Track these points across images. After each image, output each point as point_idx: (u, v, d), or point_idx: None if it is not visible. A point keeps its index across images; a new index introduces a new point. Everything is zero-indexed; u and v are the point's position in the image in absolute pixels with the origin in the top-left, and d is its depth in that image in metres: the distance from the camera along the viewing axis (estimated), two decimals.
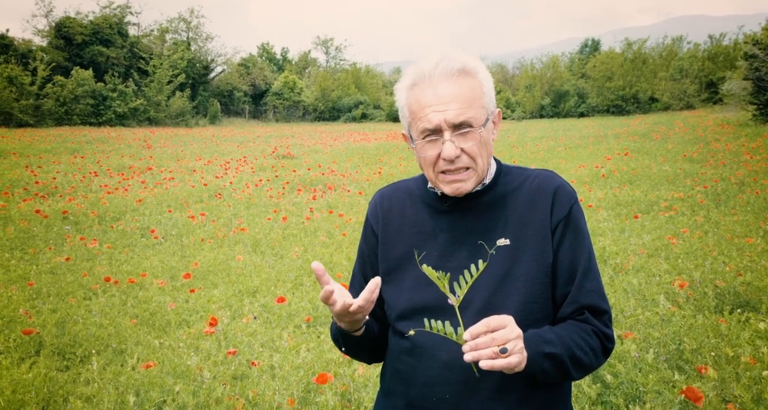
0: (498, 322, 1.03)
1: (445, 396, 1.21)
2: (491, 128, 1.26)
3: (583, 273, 1.21)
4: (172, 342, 3.75)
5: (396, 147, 20.10)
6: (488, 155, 1.25)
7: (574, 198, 1.25)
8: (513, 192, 1.26)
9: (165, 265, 5.83)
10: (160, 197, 9.84)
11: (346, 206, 9.11)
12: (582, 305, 1.21)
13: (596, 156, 14.87)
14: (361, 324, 1.29)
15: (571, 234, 1.22)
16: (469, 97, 1.21)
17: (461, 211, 1.27)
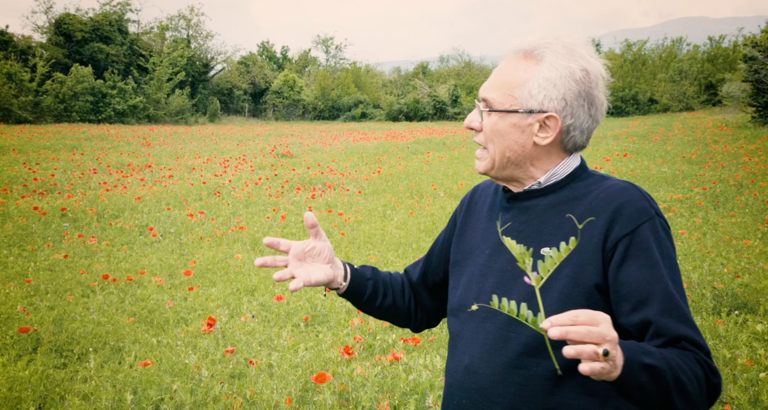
0: (588, 317, 0.88)
1: (462, 402, 1.17)
2: (519, 124, 1.13)
3: (664, 301, 1.04)
4: (170, 340, 3.75)
5: (395, 146, 20.10)
6: (504, 148, 1.14)
7: (647, 216, 1.07)
8: (574, 200, 1.13)
9: (163, 263, 5.82)
10: (159, 195, 9.83)
11: (345, 205, 9.11)
12: (673, 337, 1.03)
13: (595, 157, 14.88)
14: (337, 283, 1.29)
15: (639, 256, 1.05)
16: (504, 79, 1.14)
17: (519, 210, 1.19)
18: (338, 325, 3.95)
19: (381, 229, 7.27)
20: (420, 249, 6.23)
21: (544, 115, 1.12)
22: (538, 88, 1.11)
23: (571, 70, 1.11)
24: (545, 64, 1.11)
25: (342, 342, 3.56)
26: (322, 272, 1.26)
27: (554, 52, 1.12)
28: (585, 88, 1.12)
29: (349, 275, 1.32)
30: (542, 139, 1.13)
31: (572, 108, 1.12)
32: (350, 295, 1.34)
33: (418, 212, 8.41)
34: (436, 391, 2.79)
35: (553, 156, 1.16)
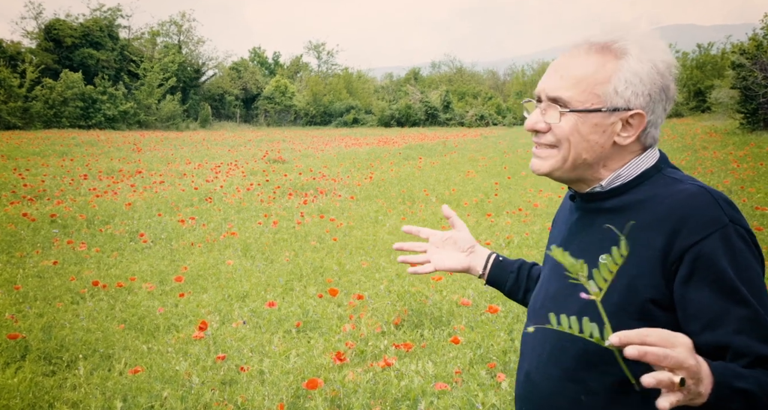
0: (660, 338, 0.82)
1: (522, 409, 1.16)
2: (602, 124, 1.04)
3: (741, 320, 0.94)
4: (161, 347, 3.72)
5: (387, 152, 20.13)
6: (582, 149, 1.06)
7: (717, 225, 0.96)
8: (639, 204, 1.04)
9: (154, 269, 5.79)
10: (150, 201, 9.78)
11: (337, 211, 9.10)
12: (759, 358, 0.94)
13: None
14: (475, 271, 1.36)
15: (708, 271, 0.95)
16: (582, 75, 1.04)
17: (583, 212, 1.13)
18: (330, 331, 3.94)
19: (373, 235, 7.26)
20: None
21: (630, 113, 1.03)
22: (625, 83, 1.02)
23: (655, 62, 1.03)
24: (631, 58, 1.02)
25: (334, 348, 3.54)
26: (456, 260, 1.35)
27: (637, 45, 1.03)
28: (666, 81, 1.05)
29: (490, 265, 1.37)
30: (624, 138, 1.05)
31: (654, 103, 1.04)
32: (492, 284, 1.39)
33: (410, 217, 8.41)
34: (428, 397, 2.78)
35: (625, 155, 1.08)
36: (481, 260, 1.37)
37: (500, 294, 4.49)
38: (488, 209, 8.94)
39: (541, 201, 9.37)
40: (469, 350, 3.42)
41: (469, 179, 12.59)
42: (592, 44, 1.06)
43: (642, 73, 1.02)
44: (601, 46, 1.05)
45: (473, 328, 3.85)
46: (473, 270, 1.37)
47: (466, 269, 1.36)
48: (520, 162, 15.87)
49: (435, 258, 1.35)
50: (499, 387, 2.86)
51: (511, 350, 3.43)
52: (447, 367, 3.19)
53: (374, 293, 4.76)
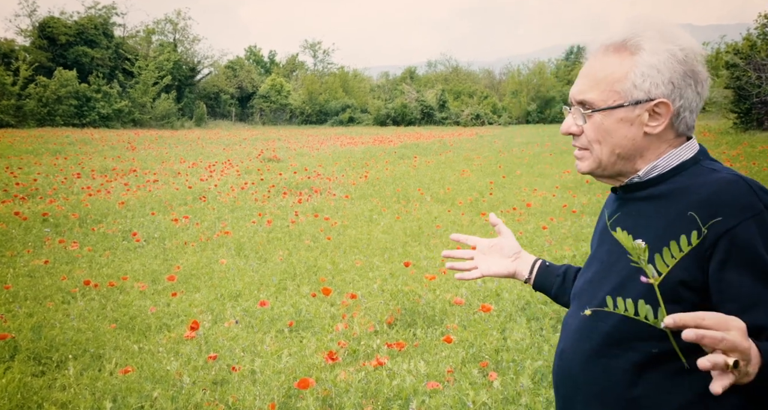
0: (716, 321, 0.86)
1: (558, 386, 1.22)
2: (627, 118, 1.09)
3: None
4: (152, 347, 3.69)
5: (383, 151, 20.12)
6: (614, 145, 1.11)
7: (752, 212, 1.00)
8: (675, 192, 1.08)
9: (147, 268, 5.75)
10: (143, 200, 9.73)
11: (332, 210, 9.08)
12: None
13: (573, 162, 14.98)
14: (521, 276, 1.42)
15: (743, 256, 0.99)
16: (600, 77, 1.10)
17: (622, 202, 1.19)
18: (322, 330, 3.92)
19: (367, 234, 7.25)
20: (406, 254, 6.22)
21: (653, 102, 1.08)
22: (642, 77, 1.07)
23: (672, 51, 1.07)
24: (645, 52, 1.07)
25: (326, 348, 3.53)
26: (502, 266, 1.42)
27: (650, 39, 1.08)
28: (689, 67, 1.08)
29: (536, 270, 1.42)
30: (654, 128, 1.10)
31: (680, 90, 1.08)
32: (539, 289, 1.44)
33: (404, 216, 8.40)
34: (419, 396, 2.77)
35: (663, 144, 1.12)
36: (527, 265, 1.43)
37: (493, 293, 4.49)
38: (483, 208, 8.93)
39: (535, 200, 9.38)
40: (462, 349, 3.41)
41: (464, 178, 12.59)
42: (609, 45, 1.11)
43: (658, 64, 1.07)
44: (617, 45, 1.10)
45: (466, 327, 3.84)
46: (519, 275, 1.43)
47: (512, 274, 1.43)
48: (515, 161, 15.88)
49: (482, 264, 1.42)
50: (490, 385, 2.85)
51: (503, 349, 3.42)
52: (439, 366, 3.18)
53: (368, 292, 4.75)
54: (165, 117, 42.25)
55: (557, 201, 9.24)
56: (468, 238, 1.44)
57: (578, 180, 11.49)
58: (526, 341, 3.43)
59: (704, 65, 1.11)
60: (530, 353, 3.25)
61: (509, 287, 4.55)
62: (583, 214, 8.08)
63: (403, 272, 5.31)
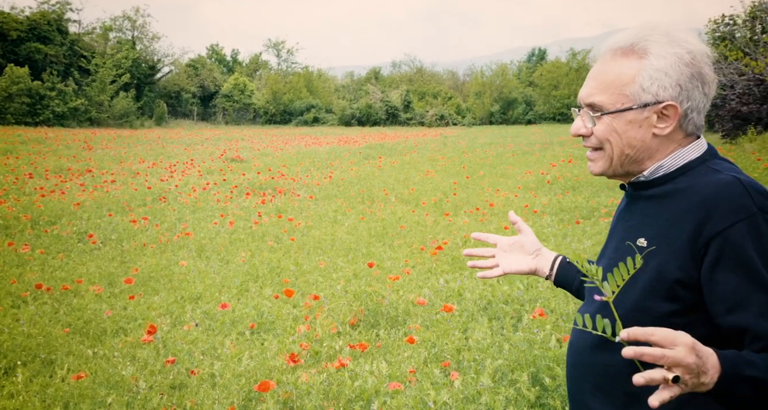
0: (663, 337, 0.88)
1: (569, 376, 1.26)
2: (636, 120, 1.11)
3: (764, 304, 1.00)
4: (107, 352, 3.58)
5: (348, 151, 20.07)
6: (624, 146, 1.13)
7: (745, 214, 1.02)
8: (676, 193, 1.11)
9: (103, 271, 5.59)
10: (100, 201, 9.46)
11: (296, 211, 9.00)
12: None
13: (542, 163, 15.27)
14: (542, 272, 1.43)
15: (734, 257, 1.01)
16: (609, 80, 1.13)
17: (629, 199, 1.22)
18: (285, 332, 3.88)
19: (331, 234, 7.21)
20: (370, 254, 6.21)
21: (661, 105, 1.10)
22: (650, 80, 1.10)
23: (679, 55, 1.10)
24: (652, 56, 1.10)
25: (288, 350, 3.49)
26: (524, 263, 1.43)
27: (657, 42, 1.10)
28: (696, 69, 1.10)
29: (557, 267, 1.43)
30: (662, 129, 1.12)
31: (688, 91, 1.10)
32: (560, 285, 1.44)
33: (369, 217, 8.39)
34: (381, 397, 2.77)
35: (672, 144, 1.14)
36: (548, 262, 1.44)
37: (455, 293, 4.52)
38: (446, 208, 9.00)
39: (497, 201, 9.50)
40: (424, 349, 3.42)
41: (429, 179, 12.66)
42: (617, 49, 1.14)
43: (666, 67, 1.09)
44: (625, 49, 1.13)
45: (428, 327, 3.85)
46: (540, 272, 1.44)
47: (533, 270, 1.43)
48: (479, 162, 16.06)
49: (503, 262, 1.43)
50: (452, 385, 2.86)
51: (465, 348, 3.44)
52: (401, 367, 3.18)
53: (331, 293, 4.72)
54: (124, 116, 41.17)
55: (519, 201, 9.38)
56: (489, 236, 1.46)
57: (539, 181, 11.69)
58: (487, 340, 3.46)
59: (711, 67, 1.13)
60: (491, 352, 3.28)
61: (471, 287, 4.59)
62: (544, 214, 8.22)
63: (366, 273, 5.30)
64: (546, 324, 3.57)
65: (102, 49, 46.43)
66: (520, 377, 2.85)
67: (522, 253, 1.44)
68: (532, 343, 3.28)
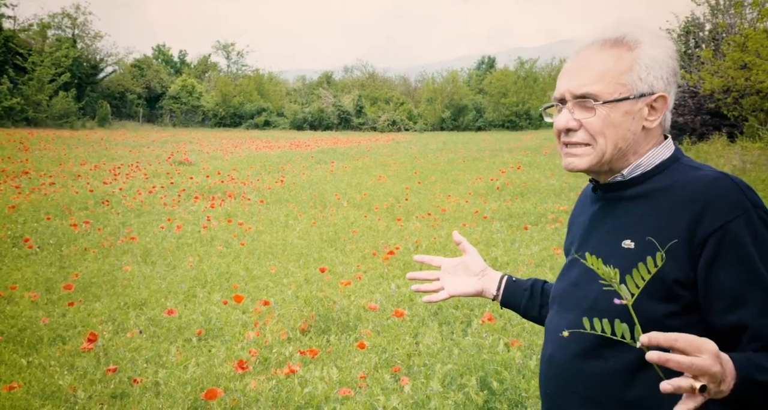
0: (688, 344, 0.84)
1: (547, 391, 1.19)
2: (631, 111, 1.08)
3: (764, 302, 0.98)
4: (43, 361, 3.42)
5: (299, 155, 19.91)
6: (618, 138, 1.10)
7: (741, 210, 1.00)
8: (660, 191, 1.08)
9: (40, 277, 5.34)
10: (38, 204, 9.04)
11: (246, 215, 8.85)
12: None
13: (492, 169, 15.57)
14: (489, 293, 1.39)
15: (732, 254, 0.99)
16: (605, 69, 1.09)
17: (605, 201, 1.17)
18: (233, 339, 3.80)
19: (282, 239, 7.13)
20: (322, 259, 6.16)
21: (654, 96, 1.09)
22: (647, 70, 1.08)
23: (668, 47, 1.10)
24: (646, 46, 1.08)
25: (236, 357, 3.42)
26: (470, 285, 1.38)
27: (648, 33, 1.09)
28: (676, 65, 1.11)
29: (503, 287, 1.39)
30: (651, 122, 1.10)
31: (670, 86, 1.10)
32: (507, 305, 1.40)
33: (321, 222, 8.34)
34: (331, 403, 2.75)
35: (650, 141, 1.13)
36: (494, 282, 1.40)
37: (407, 299, 4.54)
38: (398, 213, 9.05)
39: (449, 206, 9.62)
40: (375, 354, 3.42)
41: (381, 184, 12.70)
42: (605, 41, 1.11)
43: (659, 57, 1.09)
44: (614, 40, 1.10)
45: (380, 332, 3.86)
46: (486, 293, 1.40)
47: (479, 292, 1.39)
48: (430, 167, 16.23)
49: (448, 285, 1.39)
50: (402, 390, 2.87)
51: (415, 353, 3.46)
52: (352, 372, 3.16)
53: (281, 298, 4.66)
54: (63, 116, 39.45)
55: (470, 207, 9.53)
56: (432, 259, 1.41)
57: (489, 187, 11.91)
58: (437, 345, 3.49)
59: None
60: (441, 357, 3.31)
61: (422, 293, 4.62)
62: (494, 220, 8.37)
63: (318, 278, 5.26)
64: (495, 328, 3.63)
65: (39, 46, 44.34)
66: (469, 381, 2.88)
67: (467, 274, 1.40)
68: (481, 348, 3.33)
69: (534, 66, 50.93)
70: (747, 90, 12.92)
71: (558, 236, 6.92)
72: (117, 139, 28.07)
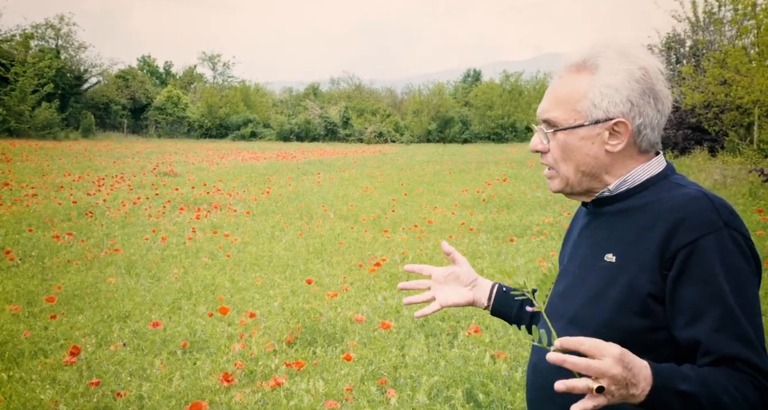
0: (592, 347, 0.89)
1: (532, 400, 1.22)
2: (588, 136, 1.11)
3: (719, 319, 1.00)
4: (24, 375, 3.36)
5: (285, 167, 19.88)
6: (578, 163, 1.13)
7: (712, 228, 1.02)
8: (642, 207, 1.11)
9: (21, 289, 5.26)
10: (19, 215, 8.92)
11: (232, 227, 8.81)
12: (723, 356, 0.99)
13: (478, 181, 15.66)
14: (480, 303, 1.40)
15: (697, 270, 1.01)
16: (561, 96, 1.14)
17: (593, 216, 1.20)
18: (218, 351, 3.77)
19: (269, 251, 7.10)
20: (308, 271, 6.15)
21: (612, 122, 1.10)
22: (600, 96, 1.10)
23: (630, 71, 1.10)
24: (602, 72, 1.10)
25: (221, 369, 3.39)
26: (461, 295, 1.39)
27: (607, 58, 1.11)
28: (647, 85, 1.10)
29: (494, 296, 1.40)
30: (614, 146, 1.12)
31: (639, 107, 1.10)
32: (497, 315, 1.42)
33: (307, 233, 8.32)
34: None
35: (628, 160, 1.14)
36: (485, 292, 1.41)
37: (393, 310, 4.54)
38: (385, 225, 9.06)
39: (435, 218, 9.66)
40: (361, 366, 3.42)
41: (367, 195, 12.72)
42: (572, 65, 1.15)
43: (616, 83, 1.09)
44: (578, 65, 1.14)
45: (366, 344, 3.85)
46: (478, 303, 1.41)
47: (471, 302, 1.40)
48: (417, 179, 16.29)
49: (439, 295, 1.38)
50: (388, 402, 2.87)
51: (401, 365, 3.46)
52: (338, 385, 3.15)
53: (268, 310, 4.63)
54: (46, 127, 39.03)
55: (456, 219, 9.57)
56: (422, 268, 1.40)
57: (476, 199, 11.98)
58: (423, 357, 3.50)
59: (664, 83, 1.13)
60: (427, 369, 3.32)
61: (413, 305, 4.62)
62: (480, 232, 8.42)
63: (304, 290, 5.25)
64: (481, 340, 3.65)
65: (22, 57, 43.86)
66: (455, 393, 2.89)
67: (458, 284, 1.40)
68: (467, 360, 3.34)
69: (519, 79, 51.48)
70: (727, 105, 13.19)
71: (543, 249, 6.97)
72: (101, 150, 27.84)
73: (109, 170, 17.37)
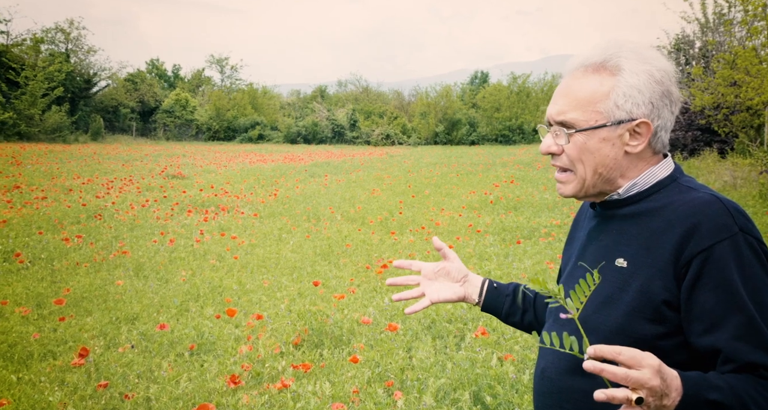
0: (630, 357, 0.88)
1: (539, 406, 1.20)
2: (610, 137, 1.09)
3: (739, 326, 0.98)
4: (33, 376, 3.38)
5: (293, 169, 19.92)
6: (597, 164, 1.11)
7: (727, 233, 1.00)
8: (653, 211, 1.09)
9: (31, 292, 5.30)
10: (29, 218, 8.99)
11: (240, 229, 8.83)
12: (746, 364, 0.98)
13: (485, 183, 15.62)
14: (471, 299, 1.38)
15: (714, 276, 1.00)
16: (582, 97, 1.10)
17: (602, 219, 1.18)
18: (225, 353, 3.78)
19: (276, 253, 7.11)
20: (315, 273, 6.15)
21: (635, 122, 1.09)
22: (624, 97, 1.08)
23: (651, 72, 1.09)
24: (625, 73, 1.08)
25: (228, 371, 3.40)
26: (451, 291, 1.36)
27: (629, 59, 1.09)
28: (666, 87, 1.10)
29: (485, 292, 1.38)
30: (634, 147, 1.10)
31: (658, 109, 1.10)
32: (488, 311, 1.40)
33: (314, 235, 8.33)
34: None
35: (641, 162, 1.13)
36: (476, 288, 1.39)
37: (400, 312, 4.54)
38: (392, 227, 9.06)
39: (442, 220, 9.64)
40: (368, 368, 3.41)
41: (375, 198, 12.72)
42: (588, 65, 1.12)
43: (639, 84, 1.08)
44: (596, 66, 1.11)
45: (373, 346, 3.85)
46: (469, 299, 1.39)
47: (461, 298, 1.38)
48: (424, 181, 16.27)
49: (429, 291, 1.36)
50: (395, 405, 2.86)
51: (408, 367, 3.45)
52: (345, 387, 3.15)
53: (274, 312, 4.64)
54: (56, 130, 39.34)
55: (463, 221, 9.56)
56: (412, 263, 1.38)
57: (483, 201, 11.95)
58: (430, 359, 3.49)
59: (677, 86, 1.13)
60: (434, 371, 3.31)
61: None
62: (488, 233, 8.40)
63: (311, 292, 5.25)
64: (488, 342, 3.63)
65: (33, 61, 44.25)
66: (462, 396, 2.88)
67: (448, 280, 1.38)
68: (475, 362, 3.33)
69: (527, 81, 51.34)
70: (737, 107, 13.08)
71: (551, 251, 6.94)
72: (110, 153, 28.02)
73: (117, 173, 17.47)
